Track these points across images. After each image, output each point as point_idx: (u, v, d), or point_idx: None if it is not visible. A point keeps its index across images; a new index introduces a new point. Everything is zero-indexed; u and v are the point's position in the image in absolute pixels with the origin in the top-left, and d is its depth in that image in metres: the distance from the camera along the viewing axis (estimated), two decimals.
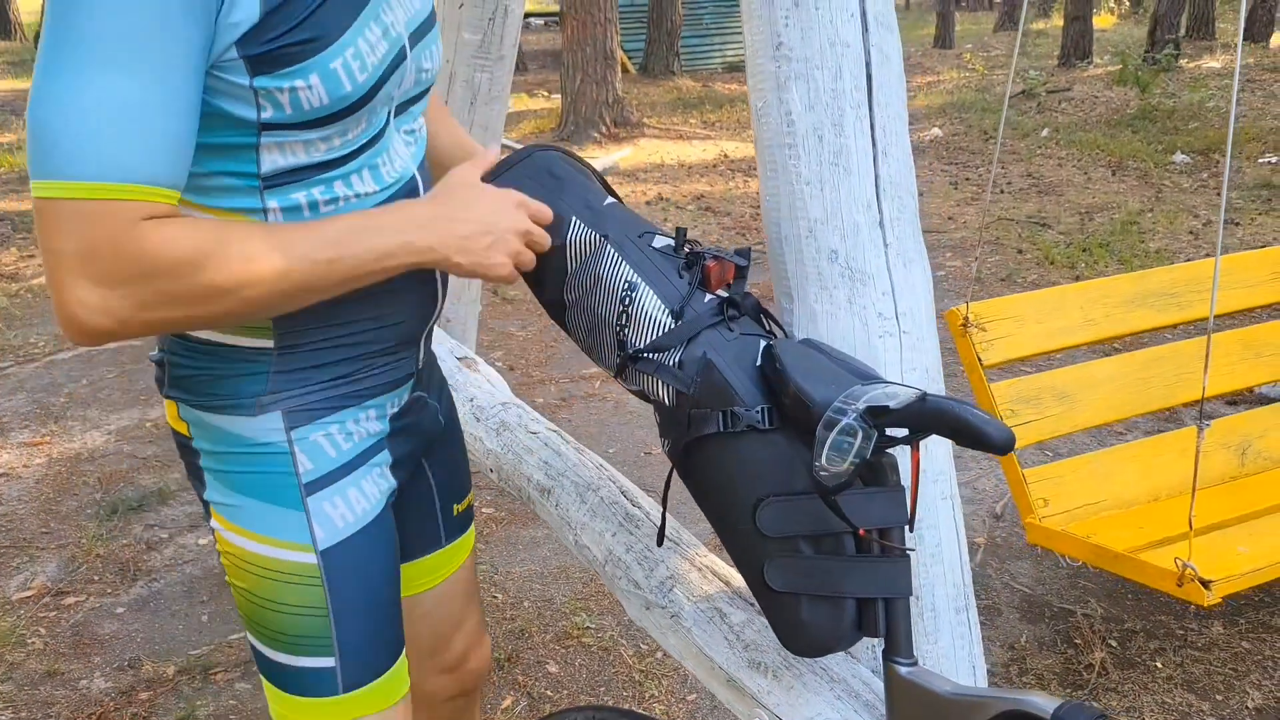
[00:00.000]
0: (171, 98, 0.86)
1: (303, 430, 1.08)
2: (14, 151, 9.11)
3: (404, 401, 1.20)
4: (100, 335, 0.89)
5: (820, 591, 1.00)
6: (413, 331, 1.16)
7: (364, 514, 1.12)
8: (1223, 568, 1.96)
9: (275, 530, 1.08)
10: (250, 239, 0.92)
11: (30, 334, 4.88)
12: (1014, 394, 2.33)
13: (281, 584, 1.09)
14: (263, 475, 1.08)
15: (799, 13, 1.12)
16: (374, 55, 0.98)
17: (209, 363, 1.07)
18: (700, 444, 1.06)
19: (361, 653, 1.12)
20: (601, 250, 1.14)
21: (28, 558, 3.00)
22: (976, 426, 0.88)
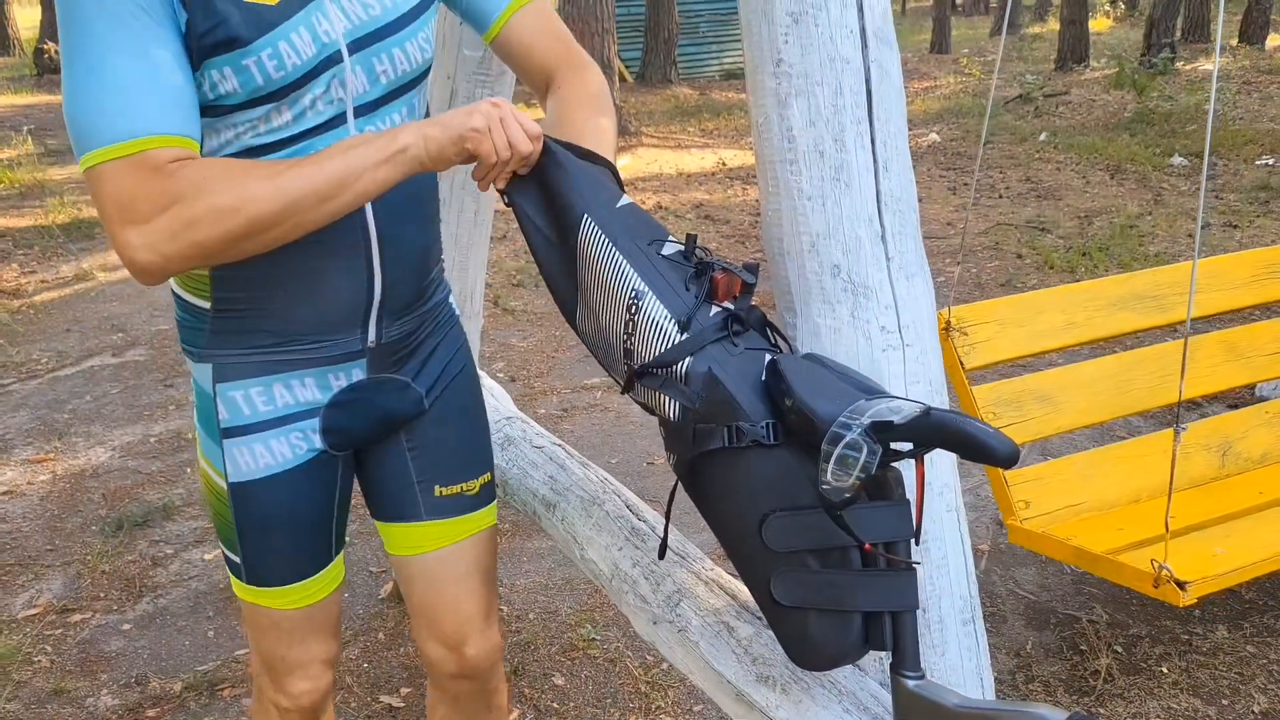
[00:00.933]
0: (157, 65, 1.05)
1: (224, 386, 1.30)
2: (14, 168, 9.13)
3: (354, 378, 1.34)
4: (153, 271, 1.07)
5: (827, 606, 1.00)
6: (343, 314, 1.28)
7: (267, 467, 1.32)
8: (1199, 569, 1.98)
9: (209, 454, 1.35)
10: (249, 165, 1.09)
11: (33, 350, 4.89)
12: (995, 397, 2.34)
13: (212, 494, 1.37)
14: (204, 412, 1.33)
15: (799, 30, 1.13)
16: (296, 58, 1.13)
17: (182, 315, 1.31)
18: (706, 459, 1.07)
19: (255, 564, 1.38)
20: (610, 256, 1.15)
21: (33, 575, 3.00)
22: (980, 440, 0.89)
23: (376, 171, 1.11)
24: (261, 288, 1.24)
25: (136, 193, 1.04)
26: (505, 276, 5.90)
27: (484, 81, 1.88)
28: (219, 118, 1.15)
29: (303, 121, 1.18)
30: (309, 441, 1.34)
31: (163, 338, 5.04)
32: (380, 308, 1.31)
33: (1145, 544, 2.21)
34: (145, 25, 1.05)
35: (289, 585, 1.39)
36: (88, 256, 6.52)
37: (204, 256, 1.08)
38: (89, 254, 6.58)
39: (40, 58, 16.40)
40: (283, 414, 1.31)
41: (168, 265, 1.07)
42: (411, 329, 1.38)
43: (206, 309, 1.27)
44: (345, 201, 1.11)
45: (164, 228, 1.05)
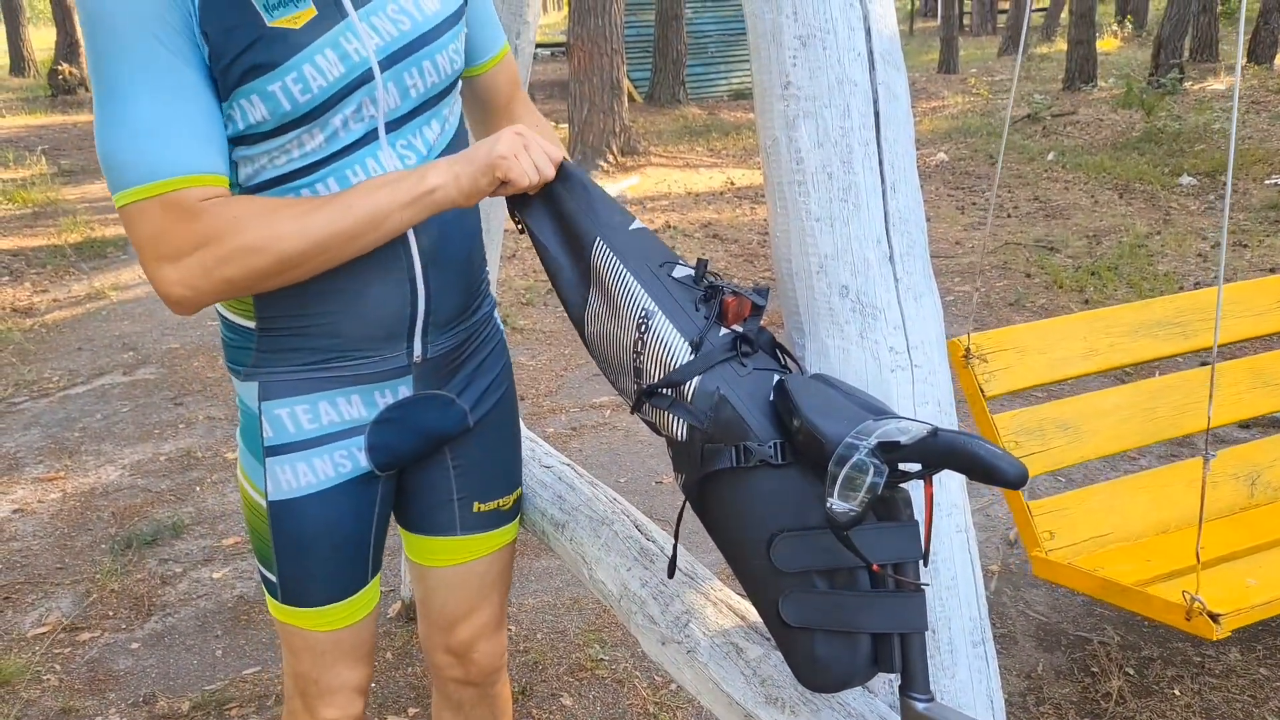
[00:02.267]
0: (186, 104, 1.07)
1: (270, 404, 1.30)
2: (28, 187, 9.20)
3: (401, 395, 1.33)
4: (188, 304, 1.11)
5: (835, 627, 1.00)
6: (384, 330, 1.28)
7: (309, 486, 1.32)
8: (1232, 600, 1.94)
9: (249, 472, 1.35)
10: (277, 205, 1.12)
11: (44, 369, 4.92)
12: (1017, 425, 2.32)
13: (250, 511, 1.37)
14: (247, 429, 1.33)
15: (806, 53, 1.13)
16: (323, 79, 1.14)
17: (228, 334, 1.32)
18: (714, 479, 1.07)
19: (291, 584, 1.37)
20: (621, 276, 1.16)
21: (42, 593, 3.01)
22: (988, 461, 0.89)
23: (404, 212, 1.14)
24: (305, 305, 1.25)
25: (169, 232, 1.08)
26: (514, 295, 5.91)
27: None
28: (252, 146, 1.16)
29: (334, 142, 1.18)
30: (354, 460, 1.34)
31: (173, 356, 5.06)
32: (425, 321, 1.31)
33: (1175, 575, 2.17)
34: (172, 64, 1.06)
35: (325, 606, 1.38)
36: (99, 275, 6.56)
37: (235, 291, 1.12)
38: (101, 273, 6.62)
39: (55, 79, 16.57)
40: (328, 431, 1.31)
41: (200, 299, 1.11)
42: (459, 342, 1.38)
43: (251, 328, 1.28)
44: (373, 239, 1.14)
45: (196, 265, 1.09)
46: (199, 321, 5.60)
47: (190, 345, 5.22)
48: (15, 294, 6.19)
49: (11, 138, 12.44)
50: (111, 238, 7.48)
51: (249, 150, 1.16)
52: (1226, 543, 2.35)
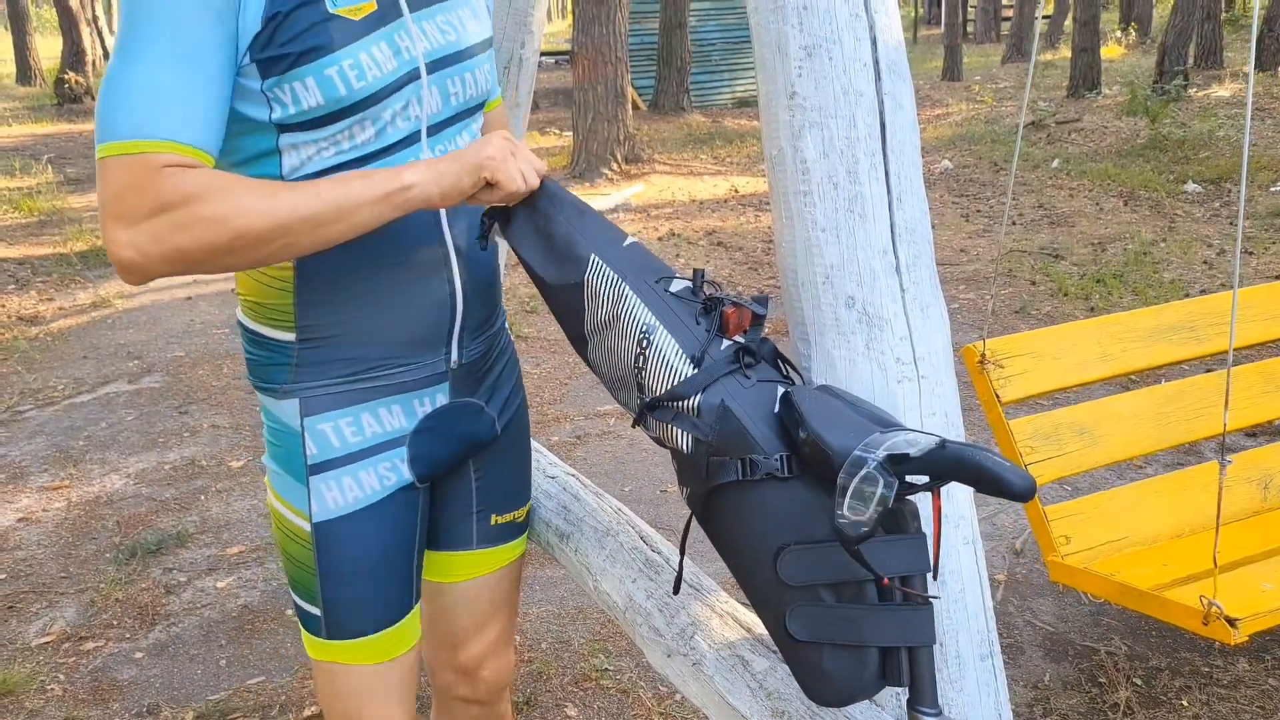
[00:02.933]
0: (198, 80, 1.06)
1: (313, 419, 1.26)
2: (34, 195, 9.23)
3: (439, 403, 1.32)
4: (135, 270, 1.06)
5: (843, 640, 0.99)
6: (425, 336, 1.27)
7: (356, 501, 1.28)
8: (1249, 605, 1.93)
9: (288, 495, 1.29)
10: (249, 182, 1.08)
11: (50, 377, 4.92)
12: (1032, 430, 2.32)
13: (288, 538, 1.31)
14: (285, 450, 1.29)
15: (812, 63, 1.13)
16: (377, 70, 1.14)
17: (256, 351, 1.28)
18: (719, 492, 1.06)
19: (340, 612, 1.30)
20: (620, 292, 1.15)
21: (47, 603, 3.00)
22: (997, 474, 0.88)
23: (375, 207, 1.11)
24: (349, 310, 1.23)
25: (132, 191, 1.04)
26: (518, 303, 5.92)
27: None
28: (303, 132, 1.15)
29: (382, 138, 1.18)
30: (397, 472, 1.31)
31: (178, 364, 5.07)
32: (462, 324, 1.31)
33: (1191, 580, 2.16)
34: (195, 40, 1.05)
35: (371, 636, 1.31)
36: (105, 284, 6.58)
37: (186, 263, 1.07)
38: (106, 281, 6.64)
39: (61, 88, 16.63)
40: (372, 444, 1.28)
41: (148, 266, 1.06)
42: (485, 350, 1.38)
43: (290, 341, 1.25)
44: (339, 230, 1.10)
45: (149, 229, 1.04)
46: (204, 330, 5.61)
47: (195, 354, 5.22)
48: (21, 302, 6.20)
49: (18, 146, 12.49)
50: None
51: (300, 137, 1.15)
52: (1240, 547, 2.35)
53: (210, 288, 6.47)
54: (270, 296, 1.24)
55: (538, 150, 11.40)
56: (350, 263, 1.22)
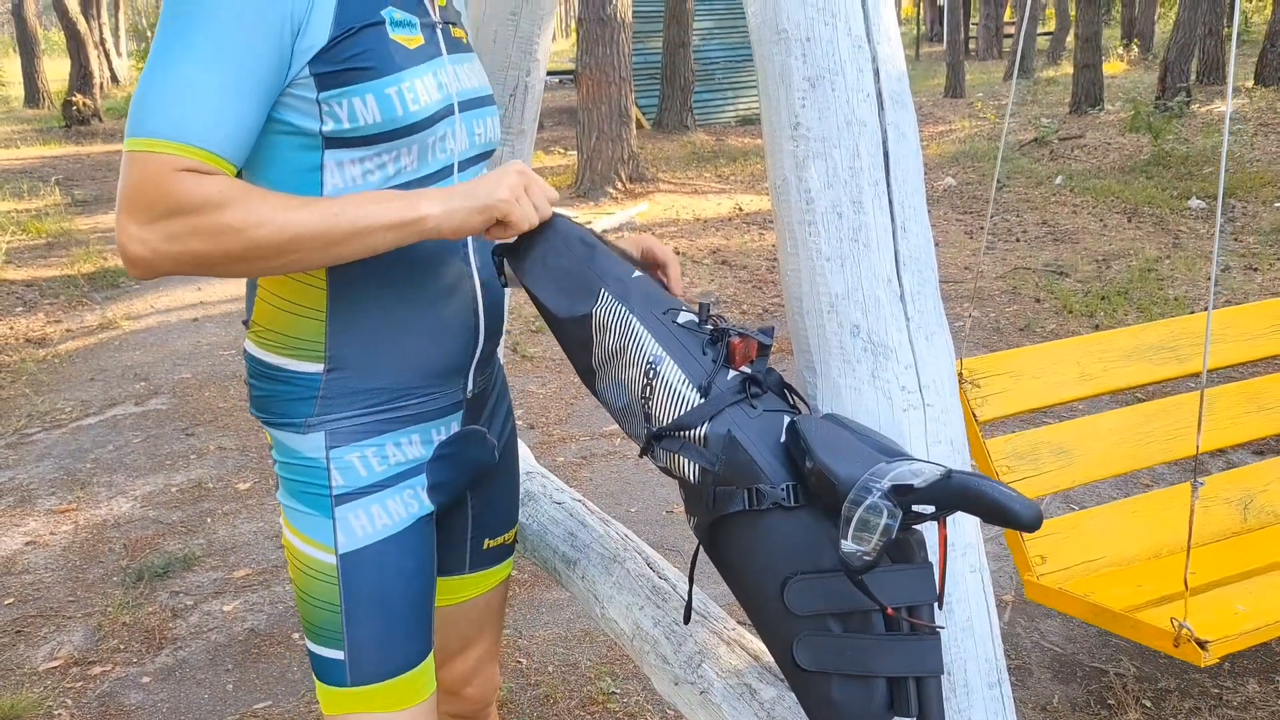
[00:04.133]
0: (236, 89, 1.06)
1: (339, 450, 1.25)
2: (41, 218, 9.28)
3: (453, 430, 1.34)
4: (140, 264, 1.06)
5: (850, 670, 0.99)
6: (450, 365, 1.29)
7: (384, 529, 1.26)
8: (1221, 627, 1.93)
9: (310, 531, 1.26)
10: (266, 193, 1.08)
11: (57, 400, 4.94)
12: (1010, 450, 2.32)
13: (310, 578, 1.26)
14: (306, 484, 1.26)
15: (815, 94, 1.14)
16: (427, 97, 1.18)
17: (272, 386, 1.26)
18: (726, 522, 1.07)
19: (368, 652, 1.26)
20: (627, 324, 1.16)
21: (54, 627, 3.01)
22: (1003, 504, 0.89)
23: (389, 233, 1.11)
24: (381, 340, 1.24)
25: (152, 189, 1.04)
26: (524, 323, 5.93)
27: (505, 140, 1.91)
28: (354, 149, 1.16)
29: (424, 165, 1.21)
30: (419, 499, 1.31)
31: (184, 386, 5.08)
32: (480, 355, 1.33)
33: (1165, 601, 2.16)
34: (253, 46, 1.07)
35: (397, 678, 1.28)
36: (112, 305, 6.60)
37: (196, 266, 1.08)
38: (113, 303, 6.66)
39: (69, 110, 16.74)
40: (395, 472, 1.29)
41: (157, 263, 1.06)
42: (490, 378, 1.41)
43: (318, 372, 1.24)
44: (351, 250, 1.11)
45: (164, 229, 1.05)
46: (210, 351, 5.63)
47: (202, 375, 5.24)
48: (29, 324, 6.23)
49: (26, 169, 12.56)
50: (124, 268, 7.53)
51: (348, 154, 1.16)
52: (1218, 568, 2.35)
53: (217, 309, 6.49)
54: (300, 328, 1.24)
55: (542, 169, 11.45)
56: (385, 293, 1.23)
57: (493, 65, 1.84)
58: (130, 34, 35.03)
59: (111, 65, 24.61)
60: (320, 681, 1.29)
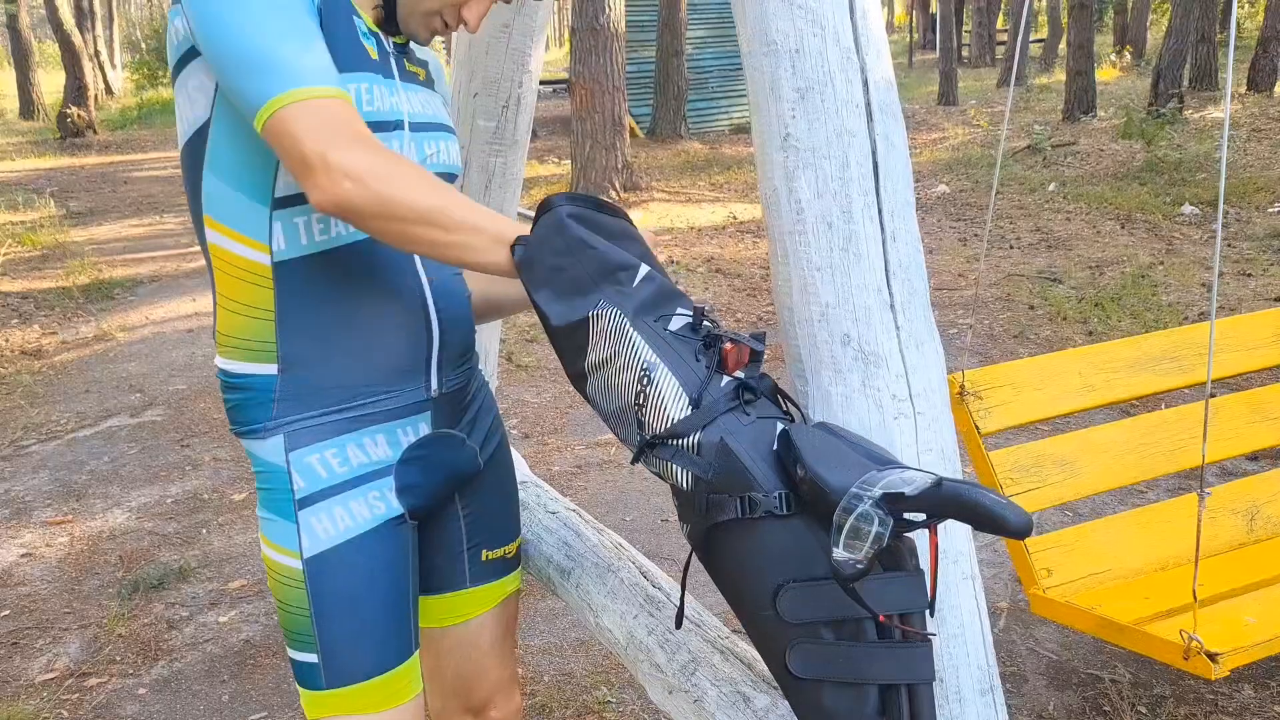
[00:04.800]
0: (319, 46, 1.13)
1: (299, 453, 1.27)
2: (36, 230, 9.28)
3: (421, 433, 1.34)
4: (346, 198, 1.06)
5: (843, 678, 1.00)
6: (403, 363, 1.29)
7: (347, 530, 1.27)
8: (1230, 639, 1.92)
9: (279, 538, 1.28)
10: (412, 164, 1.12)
11: (52, 411, 4.94)
12: (1012, 462, 2.30)
13: (282, 585, 1.28)
14: (273, 490, 1.28)
15: (805, 105, 1.15)
16: (379, 102, 1.23)
17: (236, 395, 1.28)
18: (719, 530, 1.07)
19: (340, 654, 1.27)
20: (622, 330, 1.15)
21: (50, 639, 3.00)
22: (993, 512, 0.89)
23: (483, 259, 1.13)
24: (330, 337, 1.25)
25: (344, 124, 1.07)
26: (519, 332, 5.93)
27: (498, 151, 1.92)
28: None
29: None
30: (386, 502, 1.31)
31: (180, 398, 5.08)
32: (440, 354, 1.33)
33: (1173, 613, 2.15)
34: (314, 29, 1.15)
35: (372, 680, 1.28)
36: (107, 317, 6.60)
37: (375, 206, 1.06)
38: (108, 314, 6.66)
39: (63, 122, 16.74)
40: (358, 474, 1.29)
41: (361, 194, 1.06)
42: (464, 382, 1.40)
43: (273, 374, 1.26)
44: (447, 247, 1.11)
45: (360, 159, 1.06)
46: (205, 362, 5.63)
47: (196, 386, 5.24)
48: (24, 336, 6.22)
49: (20, 181, 12.56)
50: (119, 279, 7.53)
51: None
52: (1225, 579, 2.33)
53: (211, 320, 6.49)
54: (252, 329, 1.26)
55: (536, 179, 11.47)
56: (331, 290, 1.25)
57: (486, 78, 1.85)
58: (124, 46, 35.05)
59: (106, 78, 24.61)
60: (301, 687, 1.30)
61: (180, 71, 1.21)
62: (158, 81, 24.22)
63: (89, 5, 24.64)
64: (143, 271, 7.83)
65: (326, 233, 1.23)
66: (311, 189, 1.07)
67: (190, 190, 1.26)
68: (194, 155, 1.23)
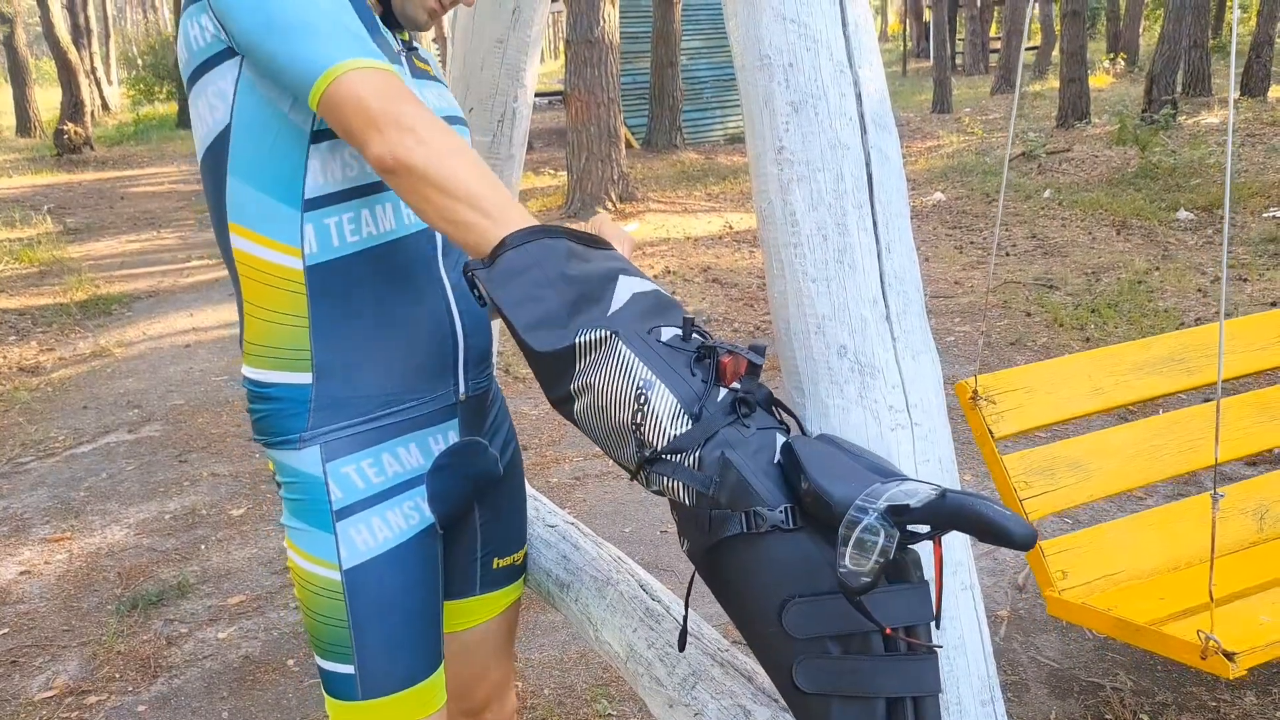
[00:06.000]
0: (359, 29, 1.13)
1: (335, 463, 1.26)
2: (33, 246, 9.28)
3: (450, 440, 1.34)
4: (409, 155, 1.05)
5: (850, 692, 0.99)
6: (432, 366, 1.30)
7: (386, 541, 1.27)
8: (1246, 639, 1.93)
9: (314, 549, 1.27)
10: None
11: (50, 428, 4.93)
12: (1026, 465, 2.32)
13: (316, 595, 1.27)
14: (307, 501, 1.27)
15: (799, 118, 1.15)
16: None
17: (267, 405, 1.27)
18: (723, 545, 1.06)
19: (377, 665, 1.27)
20: (612, 347, 1.13)
21: (49, 656, 2.99)
22: (998, 523, 0.89)
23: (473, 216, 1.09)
24: (362, 341, 1.25)
25: (387, 91, 1.07)
26: (514, 344, 5.93)
27: (494, 165, 1.92)
28: (335, 138, 1.20)
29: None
30: (420, 511, 1.31)
31: (177, 413, 5.07)
32: (465, 355, 1.33)
33: (1189, 614, 2.15)
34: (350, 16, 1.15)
35: (407, 690, 1.28)
36: (105, 333, 6.60)
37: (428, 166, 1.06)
38: (106, 330, 6.66)
39: (60, 139, 16.76)
40: (394, 483, 1.29)
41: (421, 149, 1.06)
42: (487, 386, 1.40)
43: (307, 383, 1.25)
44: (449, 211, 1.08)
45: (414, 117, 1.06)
46: (203, 377, 5.62)
47: (194, 402, 5.23)
48: (22, 353, 6.22)
49: (18, 197, 12.56)
50: (116, 295, 7.53)
51: (327, 149, 1.20)
52: (1238, 579, 2.34)
53: (209, 335, 6.49)
54: (283, 337, 1.25)
55: (532, 190, 11.48)
56: (363, 294, 1.25)
57: (480, 92, 1.85)
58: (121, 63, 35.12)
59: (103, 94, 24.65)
60: (331, 697, 1.30)
61: (200, 78, 1.19)
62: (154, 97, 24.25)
63: (85, 22, 24.69)
64: (140, 287, 7.83)
65: (358, 233, 1.23)
66: (375, 143, 1.06)
67: (213, 198, 1.24)
68: (216, 160, 1.22)
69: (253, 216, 1.21)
